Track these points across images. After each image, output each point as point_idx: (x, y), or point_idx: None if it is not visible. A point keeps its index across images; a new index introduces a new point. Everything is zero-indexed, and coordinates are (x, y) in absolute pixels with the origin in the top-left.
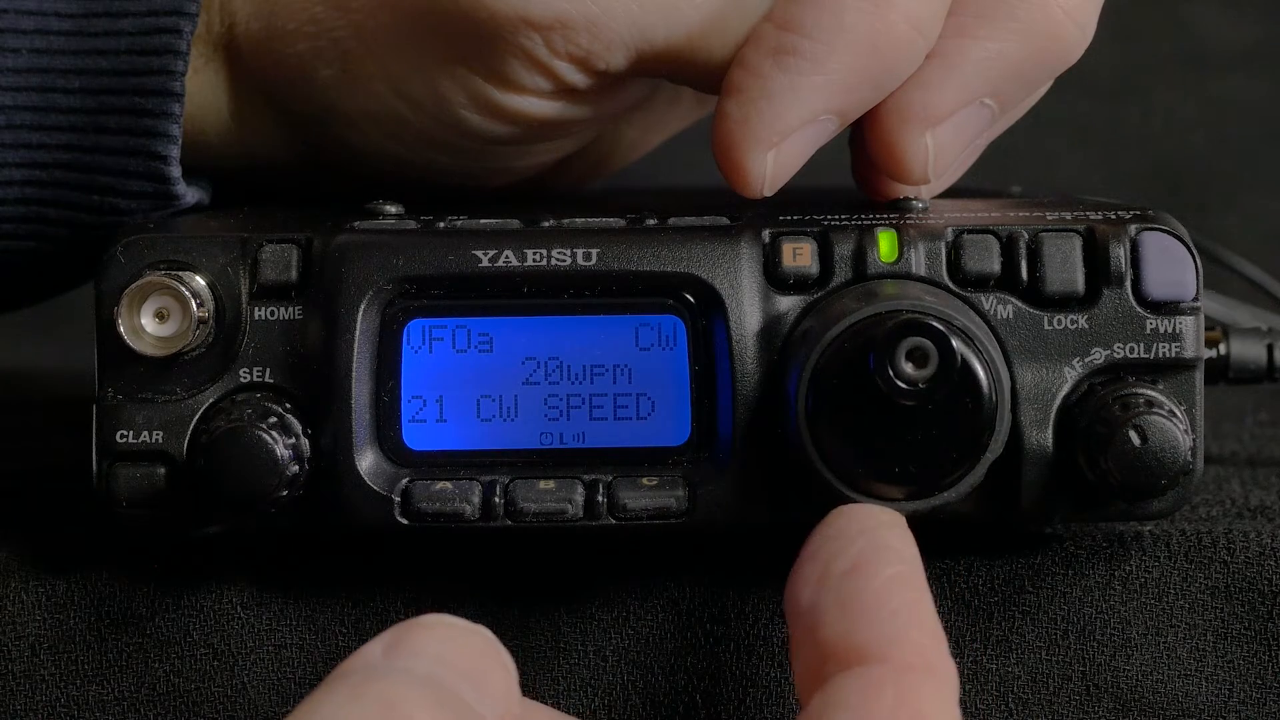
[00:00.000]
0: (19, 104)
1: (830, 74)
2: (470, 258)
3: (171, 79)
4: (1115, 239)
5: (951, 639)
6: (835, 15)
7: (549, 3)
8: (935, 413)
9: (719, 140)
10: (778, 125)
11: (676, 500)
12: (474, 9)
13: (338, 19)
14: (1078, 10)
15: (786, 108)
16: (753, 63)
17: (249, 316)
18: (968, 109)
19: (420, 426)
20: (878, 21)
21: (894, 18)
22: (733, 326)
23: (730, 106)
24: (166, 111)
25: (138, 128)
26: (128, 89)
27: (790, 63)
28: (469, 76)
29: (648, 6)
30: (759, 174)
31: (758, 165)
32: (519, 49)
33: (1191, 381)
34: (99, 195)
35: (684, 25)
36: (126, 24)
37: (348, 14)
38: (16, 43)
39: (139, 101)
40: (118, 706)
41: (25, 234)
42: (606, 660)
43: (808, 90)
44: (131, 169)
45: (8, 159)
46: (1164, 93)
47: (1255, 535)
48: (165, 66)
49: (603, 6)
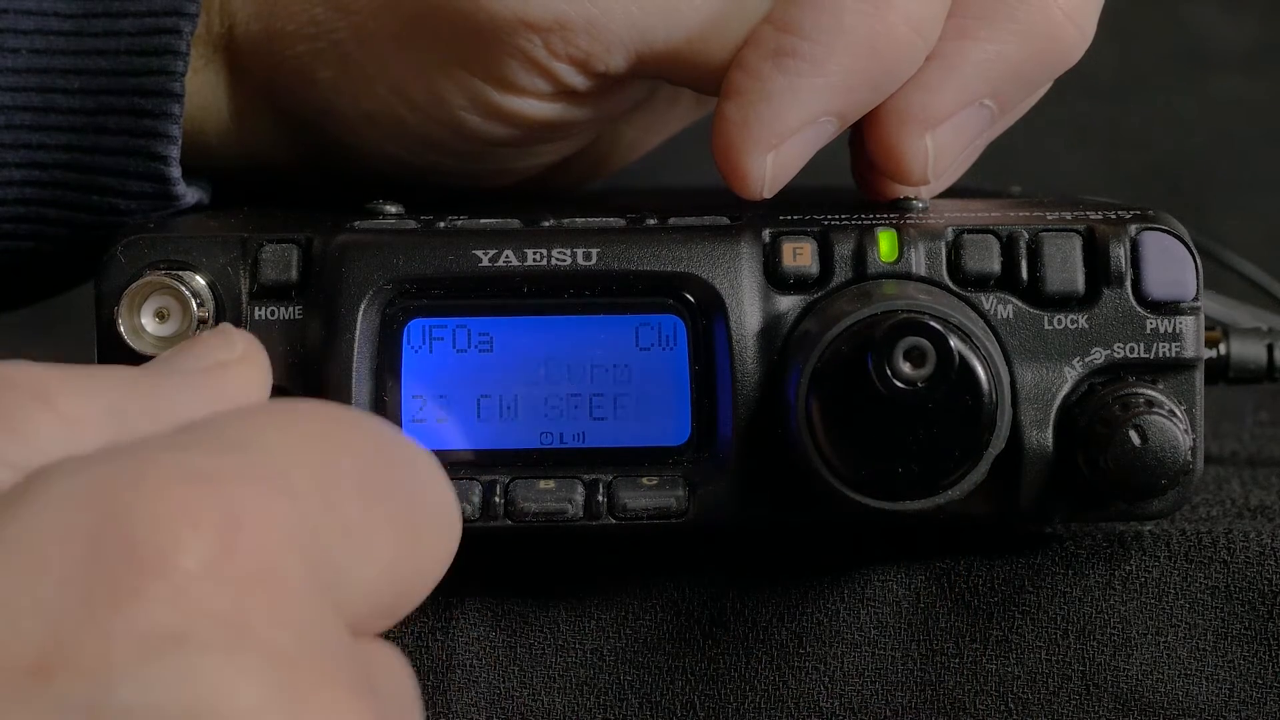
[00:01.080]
0: (18, 104)
1: (830, 76)
2: (470, 258)
3: (171, 79)
4: (1115, 239)
5: (951, 638)
6: (835, 17)
7: (548, 4)
8: (936, 413)
9: (718, 142)
10: (777, 127)
11: (676, 500)
12: (473, 11)
13: (338, 21)
14: (1078, 12)
15: (786, 110)
16: (752, 65)
17: (249, 316)
18: (967, 110)
19: (420, 426)
20: (877, 23)
21: (893, 19)
22: (733, 326)
23: (730, 109)
24: (166, 112)
25: (137, 128)
26: (127, 89)
27: (790, 65)
28: (468, 78)
29: (647, 8)
30: (759, 176)
31: (757, 167)
32: (518, 51)
33: (1191, 381)
34: (99, 195)
35: (683, 27)
36: (126, 24)
37: (348, 16)
38: (16, 43)
39: (139, 102)
40: None
41: (25, 234)
42: (605, 660)
43: (807, 92)
44: (131, 169)
45: (7, 159)
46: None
47: (1255, 535)
48: (165, 67)
49: (602, 8)
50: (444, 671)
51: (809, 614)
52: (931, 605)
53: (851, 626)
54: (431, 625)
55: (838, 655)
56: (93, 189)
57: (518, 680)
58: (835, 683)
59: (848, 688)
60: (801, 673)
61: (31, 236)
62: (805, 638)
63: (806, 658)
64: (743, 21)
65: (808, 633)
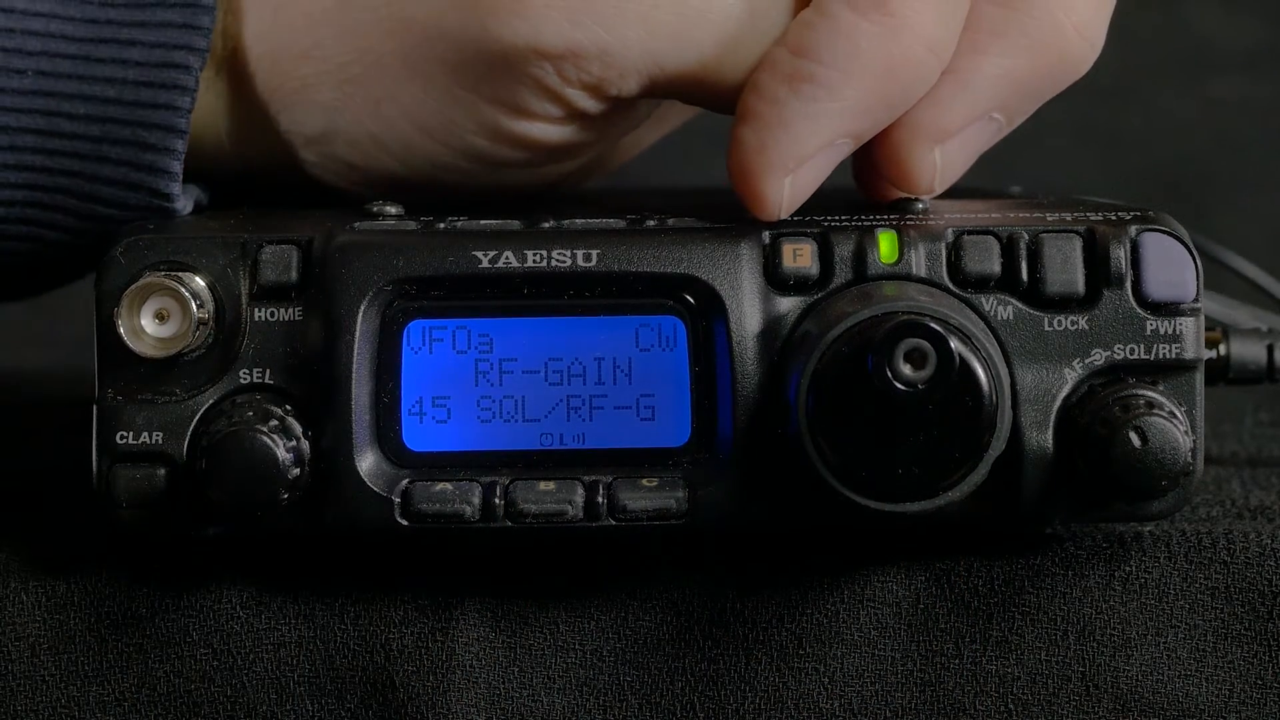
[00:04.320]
0: (23, 125)
1: (846, 100)
2: (470, 258)
3: (177, 114)
4: (1115, 240)
5: (951, 639)
6: (850, 40)
7: (560, 32)
8: (936, 414)
9: (736, 166)
10: (795, 152)
11: (676, 501)
12: (485, 38)
13: (345, 44)
14: (1087, 26)
15: (803, 135)
16: (768, 89)
17: (249, 317)
18: (976, 123)
19: (420, 427)
20: (894, 47)
21: (909, 41)
22: (733, 327)
23: (746, 134)
24: (169, 147)
25: (140, 161)
26: (132, 120)
27: (806, 90)
28: (479, 104)
29: (659, 33)
30: (777, 199)
31: (775, 191)
32: (530, 78)
33: (1192, 382)
34: (98, 224)
35: (696, 51)
36: (135, 53)
37: (355, 40)
38: (23, 64)
39: (143, 134)
40: (118, 707)
41: (25, 251)
42: (605, 661)
43: (824, 117)
44: (132, 202)
45: (10, 179)
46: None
47: (1255, 535)
48: (171, 101)
49: (615, 35)
50: (444, 671)
51: (809, 615)
52: (931, 606)
53: (851, 627)
54: (431, 625)
55: (837, 656)
56: (92, 217)
57: (518, 680)
58: (835, 683)
59: (848, 688)
60: (801, 673)
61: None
62: (805, 638)
63: (806, 658)
64: (756, 44)
65: (808, 633)
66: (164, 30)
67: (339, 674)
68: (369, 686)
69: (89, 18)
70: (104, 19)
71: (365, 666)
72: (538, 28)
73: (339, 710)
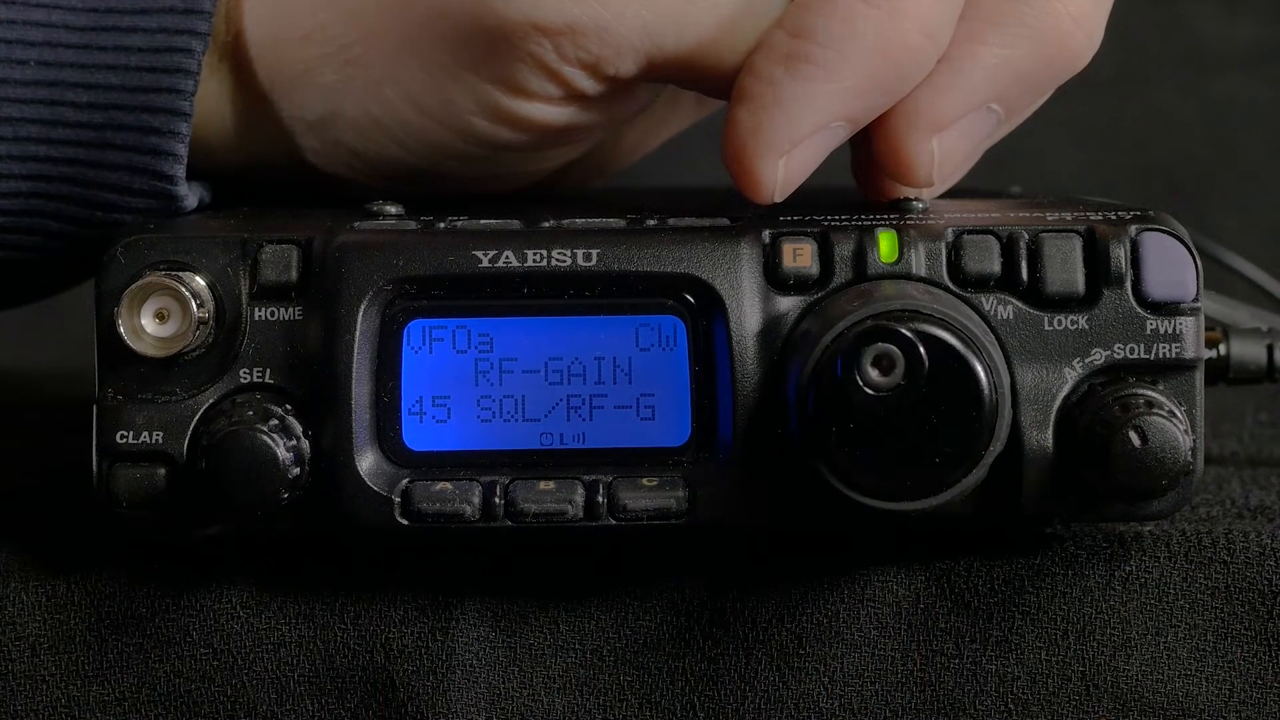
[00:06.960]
0: (26, 116)
1: (843, 82)
2: (470, 258)
3: (180, 98)
4: (1115, 239)
5: (951, 639)
6: (848, 22)
7: (559, 8)
8: (935, 413)
9: (730, 147)
10: (790, 133)
11: (676, 501)
12: (483, 15)
13: (346, 26)
14: (1086, 18)
15: (799, 115)
16: (764, 70)
17: (249, 317)
18: (974, 114)
19: (420, 427)
20: (890, 29)
21: (907, 25)
22: (733, 327)
23: (741, 114)
24: (173, 130)
25: (144, 145)
26: (136, 106)
27: (802, 70)
28: (477, 82)
29: (658, 12)
30: (770, 181)
31: (770, 172)
32: (528, 55)
33: (1191, 382)
34: (103, 211)
35: (695, 31)
36: (137, 39)
37: (356, 21)
38: (25, 54)
39: (147, 119)
40: (118, 706)
41: (28, 245)
42: (605, 660)
43: (820, 98)
44: (136, 186)
45: (14, 170)
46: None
47: (1255, 535)
48: (174, 85)
49: (614, 12)
50: (444, 671)
51: (809, 614)
52: (931, 606)
53: (851, 627)
54: (431, 625)
55: (838, 656)
56: (97, 204)
57: (518, 680)
58: (835, 683)
59: (848, 688)
60: (801, 673)
61: (34, 248)
62: (805, 638)
63: (806, 658)
64: (754, 26)
65: (808, 633)
66: (166, 16)
67: (339, 674)
68: (369, 686)
69: (91, 6)
70: (105, 7)
71: (365, 666)
72: (537, 3)
73: (339, 710)
